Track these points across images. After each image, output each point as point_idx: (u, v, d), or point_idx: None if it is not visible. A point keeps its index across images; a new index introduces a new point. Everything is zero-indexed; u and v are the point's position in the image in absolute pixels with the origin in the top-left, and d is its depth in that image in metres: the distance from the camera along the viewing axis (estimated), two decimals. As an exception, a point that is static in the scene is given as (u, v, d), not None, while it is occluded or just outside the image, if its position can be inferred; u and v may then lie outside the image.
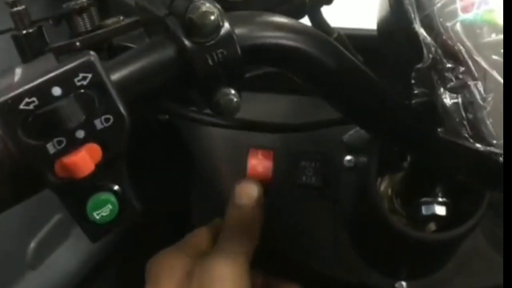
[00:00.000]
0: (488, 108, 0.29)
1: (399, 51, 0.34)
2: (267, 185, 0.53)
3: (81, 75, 0.23)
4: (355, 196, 0.52)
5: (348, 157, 0.53)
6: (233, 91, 0.29)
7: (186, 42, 0.27)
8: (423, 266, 0.52)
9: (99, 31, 0.34)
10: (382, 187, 0.51)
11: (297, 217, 0.54)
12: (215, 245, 0.47)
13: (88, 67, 0.23)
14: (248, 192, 0.49)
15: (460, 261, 0.52)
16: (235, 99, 0.29)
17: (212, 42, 0.27)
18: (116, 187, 0.26)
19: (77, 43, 0.34)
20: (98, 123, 0.24)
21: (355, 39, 0.41)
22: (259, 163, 0.53)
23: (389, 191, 0.51)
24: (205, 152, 0.55)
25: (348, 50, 0.41)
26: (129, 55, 0.27)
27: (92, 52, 0.24)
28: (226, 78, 0.28)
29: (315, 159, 0.53)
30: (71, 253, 0.71)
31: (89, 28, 0.35)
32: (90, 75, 0.23)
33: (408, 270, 0.52)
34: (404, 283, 0.52)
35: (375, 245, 0.52)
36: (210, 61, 0.27)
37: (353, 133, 0.53)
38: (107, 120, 0.24)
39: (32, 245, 0.67)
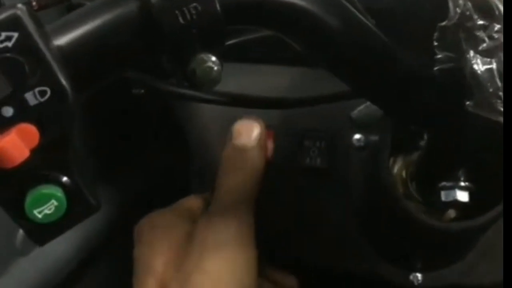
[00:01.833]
0: (532, 75, 0.23)
1: (418, 9, 0.28)
2: (267, 167, 0.48)
3: (3, 34, 0.18)
4: (366, 179, 0.47)
5: (357, 136, 0.48)
6: (213, 58, 0.24)
7: (149, -5, 0.21)
8: (441, 257, 0.47)
9: (58, -11, 0.29)
10: (396, 169, 0.46)
11: (301, 203, 0.48)
12: (214, 199, 0.41)
13: (13, 24, 0.18)
14: (248, 130, 0.42)
15: (483, 249, 0.47)
16: (215, 68, 0.24)
17: (183, -6, 0.22)
18: (64, 179, 0.21)
19: (33, 3, 0.29)
20: (31, 98, 0.19)
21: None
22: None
23: (403, 173, 0.45)
24: (199, 129, 0.50)
25: (356, 9, 0.35)
26: (80, 13, 0.22)
27: (20, 5, 0.18)
28: (203, 41, 0.23)
29: (320, 138, 0.48)
30: (63, 239, 0.68)
31: (47, -14, 0.30)
32: (16, 34, 0.18)
33: (424, 261, 0.47)
34: (419, 275, 0.47)
35: (388, 234, 0.47)
36: (181, 19, 0.22)
37: (363, 108, 0.48)
38: (42, 93, 0.19)
39: (22, 231, 0.63)
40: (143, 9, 0.22)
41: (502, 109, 0.24)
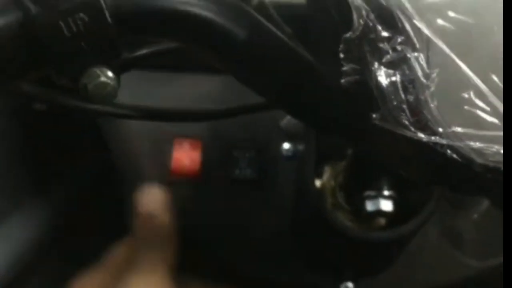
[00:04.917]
0: (433, 88, 0.23)
1: (328, 19, 0.28)
2: (195, 180, 0.47)
3: None
4: (295, 189, 0.46)
5: (286, 145, 0.47)
6: (108, 72, 0.22)
7: (30, 5, 0.20)
8: (371, 264, 0.47)
9: None
10: (325, 178, 0.46)
11: (231, 216, 0.47)
12: (133, 262, 0.44)
13: None
14: (151, 199, 0.45)
15: (411, 256, 0.47)
16: (109, 82, 0.22)
17: (67, 5, 0.20)
18: None
19: None
20: None
21: (282, 8, 0.35)
22: (185, 155, 0.46)
23: (332, 182, 0.45)
24: (123, 144, 0.48)
25: (272, 20, 0.34)
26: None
27: None
28: (93, 55, 0.21)
29: (249, 148, 0.47)
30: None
31: None
32: None
33: (355, 269, 0.46)
34: (350, 284, 0.46)
35: (318, 244, 0.47)
36: (66, 31, 0.20)
37: (292, 117, 0.47)
38: None
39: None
40: (25, 21, 0.20)
41: (406, 122, 0.23)
